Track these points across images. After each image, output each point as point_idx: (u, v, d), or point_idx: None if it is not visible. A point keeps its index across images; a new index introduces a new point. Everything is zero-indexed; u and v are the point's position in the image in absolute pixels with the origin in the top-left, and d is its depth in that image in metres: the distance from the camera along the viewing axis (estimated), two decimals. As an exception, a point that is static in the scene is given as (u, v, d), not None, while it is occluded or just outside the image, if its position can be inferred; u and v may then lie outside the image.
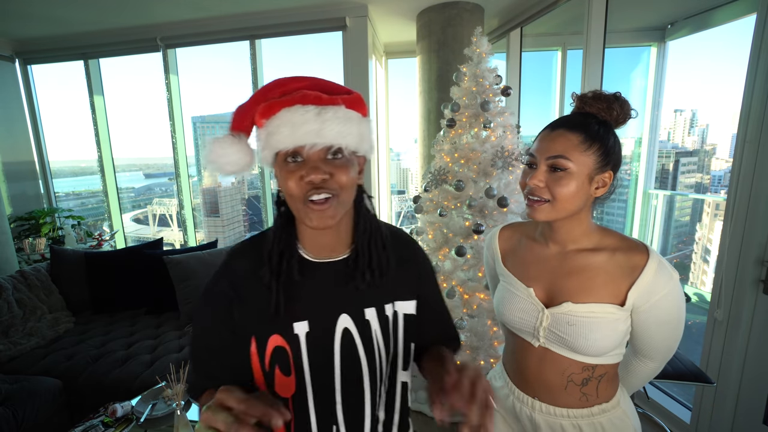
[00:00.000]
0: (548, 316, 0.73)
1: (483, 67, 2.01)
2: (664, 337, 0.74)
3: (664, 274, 0.68)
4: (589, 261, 0.73)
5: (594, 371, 0.73)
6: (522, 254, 0.83)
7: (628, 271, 0.69)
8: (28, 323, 2.20)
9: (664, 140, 8.13)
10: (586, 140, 0.68)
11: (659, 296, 0.68)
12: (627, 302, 0.69)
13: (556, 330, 0.72)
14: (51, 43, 3.25)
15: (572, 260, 0.74)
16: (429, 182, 2.15)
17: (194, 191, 3.71)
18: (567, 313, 0.71)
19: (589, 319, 0.70)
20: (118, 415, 1.43)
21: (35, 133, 3.54)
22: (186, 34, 3.02)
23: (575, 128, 0.69)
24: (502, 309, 0.81)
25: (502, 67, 3.15)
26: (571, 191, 0.68)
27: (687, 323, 0.74)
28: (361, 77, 2.83)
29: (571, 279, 0.73)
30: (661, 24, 3.14)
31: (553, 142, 0.69)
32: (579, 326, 0.70)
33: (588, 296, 0.71)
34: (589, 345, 0.70)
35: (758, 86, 1.43)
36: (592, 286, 0.71)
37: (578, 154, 0.68)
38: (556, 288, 0.75)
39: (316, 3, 2.70)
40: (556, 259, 0.76)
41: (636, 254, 0.70)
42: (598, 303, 0.70)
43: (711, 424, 1.68)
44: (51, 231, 3.29)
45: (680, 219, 4.28)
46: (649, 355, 0.78)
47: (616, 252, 0.72)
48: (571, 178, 0.68)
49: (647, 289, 0.68)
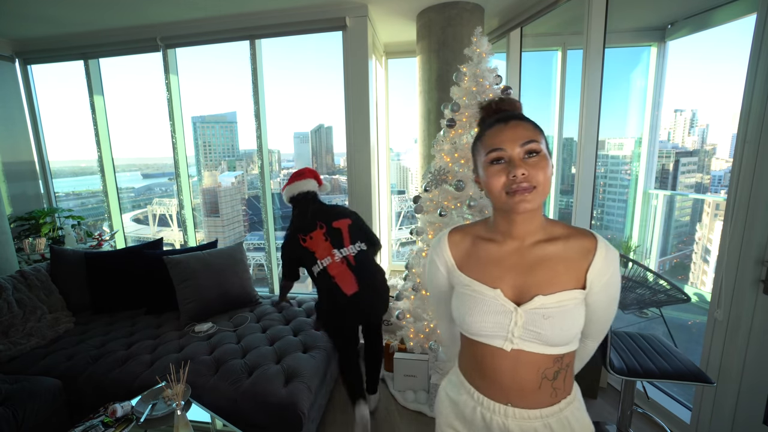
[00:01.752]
0: (522, 315, 0.72)
1: (483, 67, 2.01)
2: (608, 315, 0.78)
3: (611, 254, 0.72)
4: (547, 251, 0.73)
5: (563, 361, 0.74)
6: (478, 256, 0.79)
7: (583, 254, 0.72)
8: (28, 323, 2.20)
9: (664, 140, 8.12)
10: (536, 127, 0.71)
11: (608, 275, 0.72)
12: (586, 284, 0.72)
13: (532, 327, 0.71)
14: (51, 43, 3.25)
15: (532, 253, 0.74)
16: (429, 182, 2.15)
17: (194, 191, 3.71)
18: (540, 306, 0.71)
19: (561, 308, 0.71)
20: (118, 415, 1.43)
21: (35, 133, 3.53)
22: (186, 34, 3.01)
23: (522, 118, 0.72)
24: (468, 319, 0.76)
25: (502, 67, 3.15)
26: (548, 174, 0.69)
27: (687, 323, 0.75)
28: (361, 77, 2.82)
29: (536, 272, 0.73)
30: (661, 24, 3.14)
31: (515, 130, 0.70)
32: (554, 317, 0.70)
33: (555, 286, 0.72)
34: (564, 334, 0.71)
35: (758, 86, 1.43)
36: (557, 275, 0.72)
37: (541, 137, 0.70)
38: (524, 284, 0.74)
39: (316, 3, 2.70)
40: (516, 255, 0.75)
41: (586, 238, 0.73)
42: (565, 291, 0.71)
43: (711, 424, 1.68)
44: (51, 231, 3.29)
45: (680, 219, 4.28)
46: (590, 335, 0.82)
47: (570, 239, 0.73)
48: (546, 160, 0.69)
49: (601, 269, 0.71)
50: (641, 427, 1.93)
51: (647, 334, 1.77)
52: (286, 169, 44.01)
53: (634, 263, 1.92)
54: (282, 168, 47.52)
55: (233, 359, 1.89)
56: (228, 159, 49.71)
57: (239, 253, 2.62)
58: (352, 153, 2.93)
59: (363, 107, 2.86)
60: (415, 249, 2.31)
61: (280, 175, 40.05)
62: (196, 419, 1.45)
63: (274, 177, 37.36)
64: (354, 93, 2.84)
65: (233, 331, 2.21)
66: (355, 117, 2.87)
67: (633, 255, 3.68)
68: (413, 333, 2.23)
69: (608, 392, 2.21)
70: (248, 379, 1.75)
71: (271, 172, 2.73)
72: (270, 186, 3.39)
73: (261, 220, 3.39)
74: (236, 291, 2.51)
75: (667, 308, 1.88)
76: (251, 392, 1.68)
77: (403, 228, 5.87)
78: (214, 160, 48.99)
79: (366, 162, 2.94)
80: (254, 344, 2.03)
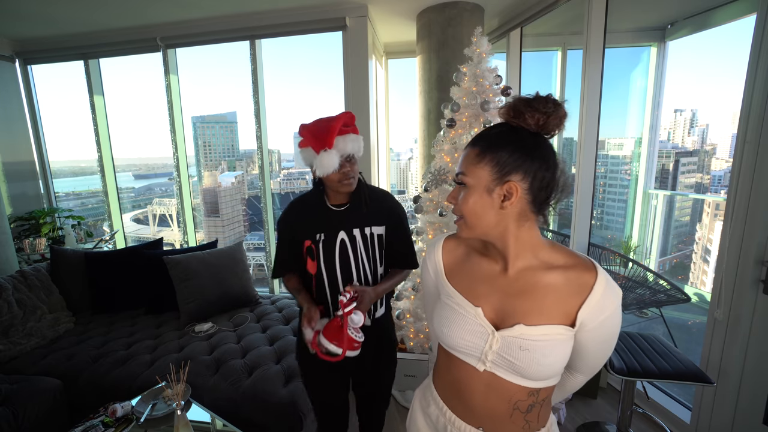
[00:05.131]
0: (498, 339, 0.68)
1: (483, 67, 2.01)
2: (602, 354, 0.73)
3: (611, 293, 0.66)
4: (540, 279, 0.68)
5: (538, 395, 0.71)
6: (468, 269, 0.76)
7: (578, 290, 0.66)
8: (28, 323, 2.20)
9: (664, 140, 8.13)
10: (480, 153, 0.66)
11: (605, 315, 0.66)
12: (576, 322, 0.66)
13: (506, 355, 0.67)
14: (51, 43, 3.25)
15: (524, 278, 0.69)
16: (429, 182, 2.15)
17: (194, 191, 3.71)
18: (519, 336, 0.66)
19: (542, 342, 0.66)
20: (118, 415, 1.43)
21: (35, 133, 3.53)
22: (186, 34, 3.01)
23: (475, 142, 0.68)
24: (445, 330, 0.74)
25: (502, 67, 3.15)
26: (469, 206, 0.67)
27: (687, 323, 0.74)
28: (361, 77, 2.82)
29: (523, 299, 0.68)
30: (661, 24, 3.14)
31: (460, 158, 0.70)
32: (532, 351, 0.66)
33: (540, 318, 0.67)
34: (541, 369, 0.66)
35: (758, 86, 1.43)
36: (544, 307, 0.67)
37: (473, 168, 0.67)
38: (507, 308, 0.69)
39: (316, 3, 2.70)
40: (506, 278, 0.70)
41: (586, 272, 0.67)
42: (550, 324, 0.66)
43: (711, 424, 1.68)
44: (51, 231, 3.29)
45: (680, 219, 4.28)
46: (580, 370, 0.77)
47: (568, 270, 0.67)
48: (469, 192, 0.67)
49: (596, 308, 0.65)
50: (641, 427, 1.93)
51: (647, 334, 1.78)
52: (287, 169, 43.99)
53: (634, 263, 1.92)
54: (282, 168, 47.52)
55: (233, 359, 1.89)
56: (228, 159, 49.74)
57: (239, 253, 2.62)
58: (352, 153, 2.93)
59: (363, 107, 2.86)
60: (415, 249, 2.31)
61: (280, 175, 40.02)
62: (196, 419, 1.45)
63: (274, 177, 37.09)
64: (354, 93, 2.85)
65: (233, 331, 2.21)
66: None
67: (633, 255, 3.68)
68: (413, 333, 2.23)
69: (608, 392, 2.21)
70: (248, 379, 1.75)
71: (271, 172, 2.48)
72: (270, 186, 3.39)
73: (261, 220, 3.39)
74: (236, 291, 2.51)
75: (667, 308, 1.89)
76: (251, 392, 1.68)
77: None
78: (214, 160, 49.02)
79: (366, 162, 2.94)
80: (254, 344, 2.03)
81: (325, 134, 1.11)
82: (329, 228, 1.22)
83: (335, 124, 1.11)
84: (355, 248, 1.23)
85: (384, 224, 1.27)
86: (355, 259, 1.23)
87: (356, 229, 1.23)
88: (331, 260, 1.21)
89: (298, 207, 1.27)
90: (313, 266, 1.22)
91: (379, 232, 1.26)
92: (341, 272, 1.22)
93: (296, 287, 1.28)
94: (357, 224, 1.23)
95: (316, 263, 1.21)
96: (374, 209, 1.25)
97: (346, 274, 1.23)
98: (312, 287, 1.25)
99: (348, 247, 1.22)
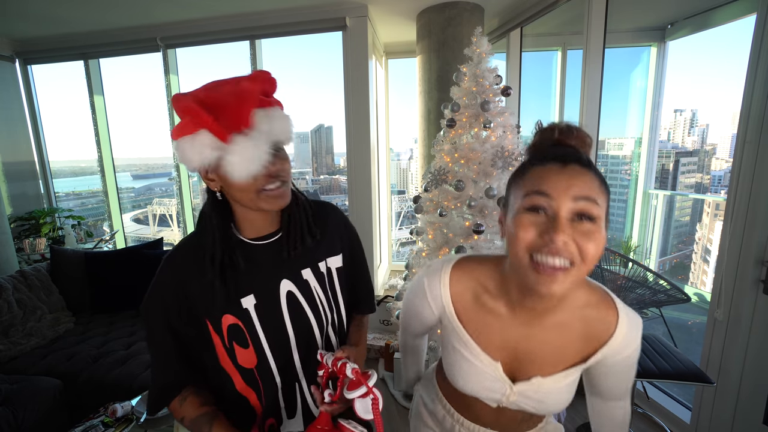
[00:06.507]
0: (515, 393, 0.65)
1: (483, 67, 2.01)
2: (626, 379, 0.67)
3: (634, 328, 0.61)
4: (557, 321, 0.62)
5: None
6: (483, 314, 0.66)
7: (600, 332, 0.61)
8: (28, 323, 2.20)
9: (664, 140, 8.13)
10: (602, 182, 0.52)
11: (628, 353, 0.62)
12: (592, 359, 0.62)
13: (523, 403, 0.65)
14: (51, 43, 3.25)
15: (542, 323, 0.62)
16: (429, 182, 2.15)
17: (194, 191, 3.71)
18: (537, 390, 0.63)
19: (558, 388, 0.63)
20: (118, 415, 1.43)
21: (35, 133, 3.54)
22: (186, 34, 3.01)
23: (588, 166, 0.53)
24: (460, 381, 0.68)
25: (502, 67, 3.15)
26: (600, 249, 0.51)
27: (687, 323, 0.73)
28: (361, 77, 2.83)
29: (542, 347, 0.63)
30: (661, 24, 3.14)
31: (572, 178, 0.51)
32: (547, 401, 0.64)
33: (557, 365, 0.63)
34: (551, 408, 0.65)
35: (758, 86, 1.43)
36: (562, 350, 0.62)
37: (603, 199, 0.52)
38: (524, 358, 0.64)
39: (316, 3, 2.70)
40: (525, 326, 0.63)
41: (604, 308, 0.61)
42: (566, 369, 0.63)
43: (711, 424, 1.68)
44: (51, 231, 3.29)
45: (680, 219, 4.28)
46: (616, 396, 0.71)
47: (587, 309, 0.61)
48: (600, 231, 0.51)
49: (619, 347, 0.61)
50: (641, 427, 1.93)
51: (647, 334, 1.77)
52: (286, 169, 43.79)
53: (634, 263, 1.92)
54: (282, 168, 47.30)
55: (233, 359, 1.89)
56: (228, 159, 49.58)
57: (239, 253, 2.60)
58: (352, 153, 2.93)
59: (363, 107, 2.86)
60: (415, 249, 2.30)
61: (280, 175, 39.84)
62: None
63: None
64: (354, 93, 2.85)
65: (233, 331, 2.21)
66: (355, 117, 2.88)
67: (633, 255, 3.68)
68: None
69: (608, 392, 2.21)
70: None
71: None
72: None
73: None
74: (236, 291, 2.49)
75: (667, 308, 1.88)
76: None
77: (403, 228, 5.86)
78: (214, 160, 48.82)
79: (366, 162, 2.94)
80: (254, 344, 2.03)
81: (236, 106, 0.59)
82: (262, 279, 0.71)
83: (251, 86, 0.60)
84: (312, 300, 0.74)
85: (339, 252, 0.80)
86: (317, 316, 0.74)
87: (306, 268, 0.75)
88: (279, 334, 0.71)
89: (190, 257, 0.70)
90: (248, 356, 0.69)
91: (337, 265, 0.80)
92: (297, 345, 0.73)
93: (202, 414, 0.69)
94: (305, 260, 0.75)
95: (254, 348, 0.69)
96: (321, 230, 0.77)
97: (304, 346, 0.74)
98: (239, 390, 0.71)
99: (301, 301, 0.73)
